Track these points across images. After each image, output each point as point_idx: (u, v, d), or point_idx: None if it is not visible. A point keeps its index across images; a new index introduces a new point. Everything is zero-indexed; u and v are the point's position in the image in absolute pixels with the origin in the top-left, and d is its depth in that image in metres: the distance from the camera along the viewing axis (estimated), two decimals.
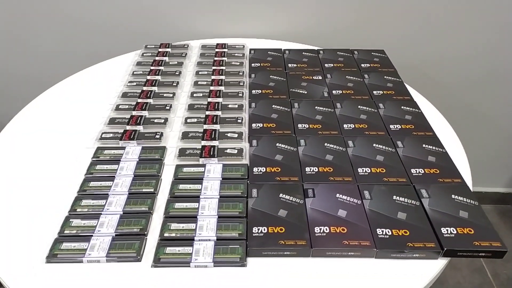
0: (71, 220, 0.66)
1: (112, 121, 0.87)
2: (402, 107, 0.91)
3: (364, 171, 0.74)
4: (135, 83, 1.00)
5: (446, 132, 0.86)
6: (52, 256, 0.61)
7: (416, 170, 0.74)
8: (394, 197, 0.68)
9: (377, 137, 0.82)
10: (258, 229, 0.63)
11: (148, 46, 1.17)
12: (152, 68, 1.06)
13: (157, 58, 1.11)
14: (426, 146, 0.79)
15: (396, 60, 1.10)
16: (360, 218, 0.65)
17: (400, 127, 0.85)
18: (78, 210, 0.68)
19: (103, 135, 0.83)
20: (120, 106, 0.92)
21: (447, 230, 0.63)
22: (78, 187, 0.72)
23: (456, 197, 0.68)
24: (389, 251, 0.60)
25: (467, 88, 1.37)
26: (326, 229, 0.63)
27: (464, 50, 1.29)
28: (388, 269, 0.60)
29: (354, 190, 0.70)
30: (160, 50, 1.15)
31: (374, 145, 0.79)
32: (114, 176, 0.74)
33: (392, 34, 1.27)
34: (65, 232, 0.64)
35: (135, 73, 1.05)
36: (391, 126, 0.85)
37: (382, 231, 0.63)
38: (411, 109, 0.90)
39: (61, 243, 0.62)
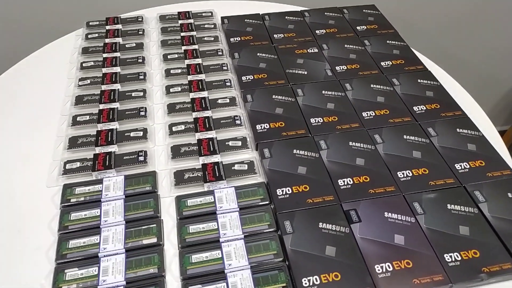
0: None
1: (73, 143, 0.67)
2: (419, 80, 0.79)
3: (405, 175, 0.62)
4: (88, 81, 0.78)
5: (465, 97, 0.76)
6: None
7: (460, 165, 0.64)
8: (449, 206, 0.58)
9: (404, 125, 0.70)
10: (309, 280, 0.50)
11: (91, 24, 0.92)
12: (105, 55, 0.83)
13: (107, 40, 0.87)
14: (461, 130, 0.69)
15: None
16: (421, 243, 0.54)
17: (425, 108, 0.73)
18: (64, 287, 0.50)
19: (68, 166, 0.63)
20: (78, 118, 0.71)
21: None
22: (55, 252, 0.54)
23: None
24: (465, 282, 0.51)
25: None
26: (389, 266, 0.52)
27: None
28: None
29: (402, 203, 0.59)
30: (108, 27, 0.91)
31: (405, 137, 0.68)
32: (99, 227, 0.56)
33: None
34: None
35: (84, 65, 0.81)
36: (415, 108, 0.73)
37: (451, 256, 0.53)
38: (429, 82, 0.78)
39: None
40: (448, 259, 0.53)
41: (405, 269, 0.52)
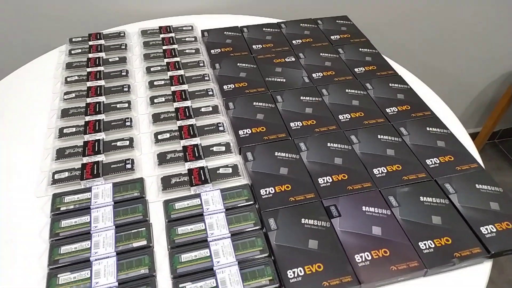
0: None
1: (61, 154, 0.69)
2: (390, 84, 0.84)
3: (380, 171, 0.66)
4: (73, 95, 0.80)
5: (434, 99, 0.82)
6: None
7: (431, 161, 0.68)
8: (422, 199, 0.62)
9: (379, 126, 0.74)
10: (294, 272, 0.53)
11: (73, 40, 0.95)
12: (89, 70, 0.86)
13: (90, 55, 0.90)
14: (431, 129, 0.74)
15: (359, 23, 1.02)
16: (397, 233, 0.58)
17: (396, 109, 0.78)
18: None
19: (56, 176, 0.65)
20: (65, 130, 0.73)
21: (486, 229, 0.58)
22: (47, 259, 0.55)
23: (481, 186, 0.64)
24: (438, 267, 0.55)
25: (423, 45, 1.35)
26: (368, 256, 0.55)
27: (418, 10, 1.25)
28: (434, 282, 0.55)
29: (379, 198, 0.62)
30: (91, 43, 0.94)
31: (379, 137, 0.72)
32: (89, 233, 0.58)
33: None
34: None
35: (68, 79, 0.83)
36: (388, 110, 0.78)
37: (425, 244, 0.57)
38: (399, 86, 0.83)
39: None
40: (423, 246, 0.56)
41: (383, 257, 0.55)
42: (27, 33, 1.03)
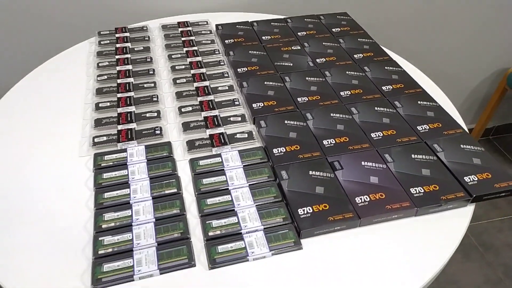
0: (100, 238, 0.59)
1: (98, 123, 0.79)
2: (386, 67, 0.94)
3: (377, 135, 0.76)
4: (105, 77, 0.91)
5: (422, 78, 0.92)
6: (98, 282, 0.55)
7: (421, 127, 0.78)
8: (413, 156, 0.72)
9: (375, 100, 0.84)
10: (304, 210, 0.63)
11: (102, 33, 1.06)
12: (118, 57, 0.97)
13: (118, 45, 1.01)
14: (422, 102, 0.84)
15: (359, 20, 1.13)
16: (391, 181, 0.67)
17: (391, 87, 0.88)
18: (104, 226, 0.61)
19: (96, 140, 0.75)
20: (100, 105, 0.83)
21: (469, 178, 0.68)
22: (92, 202, 0.65)
23: (465, 146, 0.74)
24: (427, 207, 0.64)
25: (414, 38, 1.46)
26: (366, 198, 0.65)
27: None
28: (426, 222, 0.64)
29: (375, 155, 0.72)
30: (117, 35, 1.05)
31: (376, 108, 0.82)
32: (128, 182, 0.68)
33: None
34: (100, 252, 0.58)
35: (100, 65, 0.94)
36: (383, 88, 0.88)
37: (416, 190, 0.66)
38: (394, 68, 0.94)
39: (101, 266, 0.56)
40: (414, 191, 0.66)
41: (379, 199, 0.64)
42: (60, 27, 1.15)
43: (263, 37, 1.04)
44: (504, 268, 1.44)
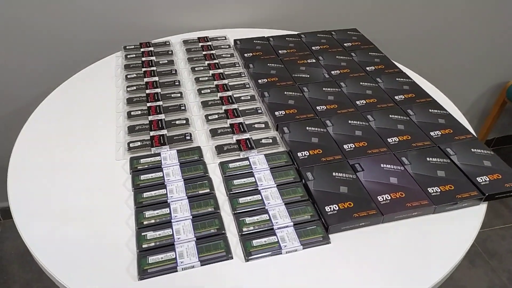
0: (143, 234, 0.64)
1: (131, 130, 0.84)
2: (397, 79, 1.00)
3: (393, 140, 0.81)
4: (134, 87, 0.96)
5: (431, 88, 0.98)
6: (144, 273, 0.59)
7: (434, 133, 0.83)
8: (428, 159, 0.77)
9: (389, 108, 0.90)
10: (330, 207, 0.67)
11: (127, 47, 1.12)
12: (144, 69, 1.02)
13: (144, 59, 1.07)
14: (433, 110, 0.90)
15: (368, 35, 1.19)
16: (410, 182, 0.72)
17: (403, 97, 0.94)
18: (145, 222, 0.66)
19: (131, 145, 0.80)
20: (132, 113, 0.88)
21: (481, 178, 0.73)
22: (132, 201, 0.69)
23: (476, 150, 0.79)
24: (444, 205, 0.69)
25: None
26: (388, 197, 0.69)
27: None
28: (443, 219, 0.69)
29: (393, 158, 0.77)
30: (142, 49, 1.11)
31: (390, 116, 0.88)
32: (163, 183, 0.73)
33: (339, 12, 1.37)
34: (144, 246, 0.62)
35: (128, 77, 1.00)
36: (396, 97, 0.94)
37: (433, 189, 0.71)
38: (404, 79, 1.00)
39: (145, 258, 0.61)
40: (431, 191, 0.71)
41: (400, 198, 0.69)
42: (88, 42, 1.21)
43: (280, 51, 1.10)
44: (509, 274, 1.48)
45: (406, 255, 0.63)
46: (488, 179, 0.73)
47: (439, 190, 0.71)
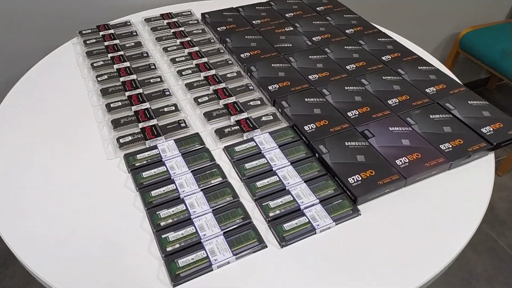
0: (163, 236, 0.58)
1: (117, 124, 0.75)
2: (378, 39, 0.98)
3: (393, 102, 0.80)
4: (105, 76, 0.86)
5: (411, 45, 0.98)
6: (177, 278, 0.53)
7: (429, 90, 0.83)
8: (431, 116, 0.77)
9: (380, 70, 0.88)
10: (353, 178, 0.65)
11: (84, 32, 1.00)
12: (110, 55, 0.92)
13: (106, 43, 0.96)
14: (422, 67, 0.89)
15: None
16: (421, 142, 0.72)
17: (390, 57, 0.93)
18: (162, 223, 0.59)
19: (121, 141, 0.72)
20: (111, 105, 0.79)
21: (485, 129, 0.74)
22: (140, 202, 0.62)
23: (472, 102, 0.80)
24: (459, 160, 0.69)
25: None
26: (406, 159, 0.68)
27: None
28: (460, 174, 0.69)
29: (399, 120, 0.76)
30: (101, 33, 0.99)
31: (384, 77, 0.86)
32: (170, 178, 0.66)
33: None
34: (168, 249, 0.56)
35: (95, 65, 0.89)
36: (383, 58, 0.92)
37: (444, 146, 0.71)
38: (386, 39, 0.99)
39: (174, 262, 0.55)
40: (444, 148, 0.71)
41: (417, 159, 0.68)
42: (33, 32, 1.06)
43: (254, 21, 1.04)
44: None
45: (436, 214, 0.63)
46: (492, 129, 0.74)
47: (450, 146, 0.71)
